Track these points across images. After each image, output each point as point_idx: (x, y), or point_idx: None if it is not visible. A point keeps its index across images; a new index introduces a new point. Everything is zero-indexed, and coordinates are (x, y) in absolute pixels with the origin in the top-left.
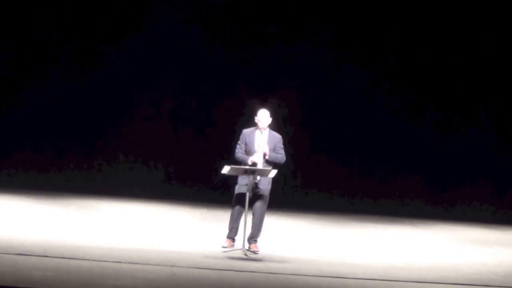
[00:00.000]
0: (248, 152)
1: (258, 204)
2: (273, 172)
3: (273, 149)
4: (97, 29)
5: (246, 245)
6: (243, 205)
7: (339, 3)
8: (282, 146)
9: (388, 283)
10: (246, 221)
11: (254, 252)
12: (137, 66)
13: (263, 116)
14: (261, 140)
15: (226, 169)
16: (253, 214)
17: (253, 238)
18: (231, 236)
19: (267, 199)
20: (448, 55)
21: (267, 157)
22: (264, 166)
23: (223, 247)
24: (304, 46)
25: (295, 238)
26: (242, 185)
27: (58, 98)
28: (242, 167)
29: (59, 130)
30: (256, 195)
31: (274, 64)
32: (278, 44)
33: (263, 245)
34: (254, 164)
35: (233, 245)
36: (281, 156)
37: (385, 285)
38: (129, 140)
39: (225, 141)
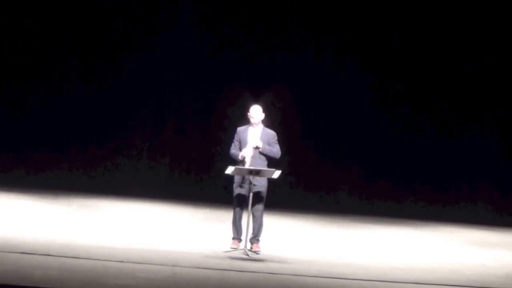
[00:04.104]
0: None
1: (257, 204)
2: (277, 173)
3: (268, 145)
4: (105, 33)
5: (248, 245)
6: (243, 206)
7: (339, 3)
8: (277, 142)
9: (388, 284)
10: (248, 221)
11: (256, 252)
12: (138, 66)
13: (255, 112)
14: (254, 136)
15: (230, 170)
16: (252, 214)
17: (255, 237)
18: (238, 237)
19: (265, 197)
20: (452, 57)
21: (260, 149)
22: (258, 161)
23: (232, 248)
24: (303, 46)
25: (295, 239)
26: (238, 183)
27: (62, 99)
28: (247, 167)
29: (62, 130)
30: (253, 194)
31: (269, 61)
32: (276, 43)
33: (264, 246)
34: (244, 158)
35: (240, 242)
36: (276, 150)
37: (385, 286)
38: (131, 140)
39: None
